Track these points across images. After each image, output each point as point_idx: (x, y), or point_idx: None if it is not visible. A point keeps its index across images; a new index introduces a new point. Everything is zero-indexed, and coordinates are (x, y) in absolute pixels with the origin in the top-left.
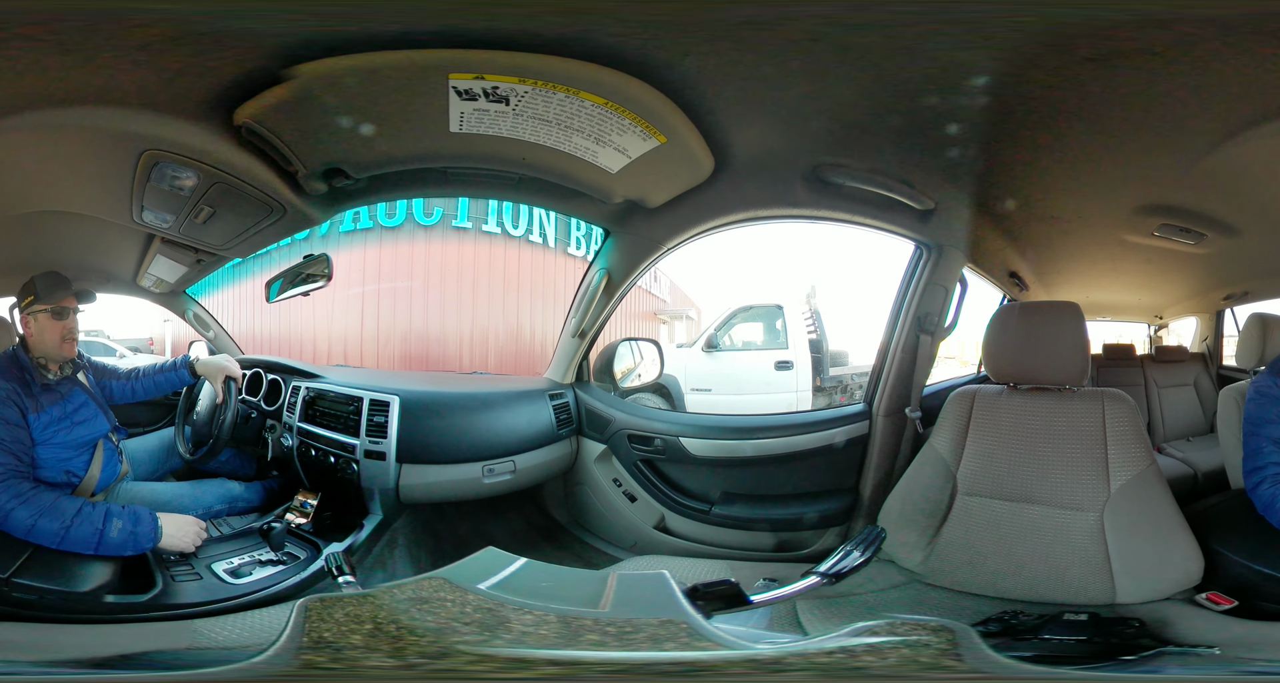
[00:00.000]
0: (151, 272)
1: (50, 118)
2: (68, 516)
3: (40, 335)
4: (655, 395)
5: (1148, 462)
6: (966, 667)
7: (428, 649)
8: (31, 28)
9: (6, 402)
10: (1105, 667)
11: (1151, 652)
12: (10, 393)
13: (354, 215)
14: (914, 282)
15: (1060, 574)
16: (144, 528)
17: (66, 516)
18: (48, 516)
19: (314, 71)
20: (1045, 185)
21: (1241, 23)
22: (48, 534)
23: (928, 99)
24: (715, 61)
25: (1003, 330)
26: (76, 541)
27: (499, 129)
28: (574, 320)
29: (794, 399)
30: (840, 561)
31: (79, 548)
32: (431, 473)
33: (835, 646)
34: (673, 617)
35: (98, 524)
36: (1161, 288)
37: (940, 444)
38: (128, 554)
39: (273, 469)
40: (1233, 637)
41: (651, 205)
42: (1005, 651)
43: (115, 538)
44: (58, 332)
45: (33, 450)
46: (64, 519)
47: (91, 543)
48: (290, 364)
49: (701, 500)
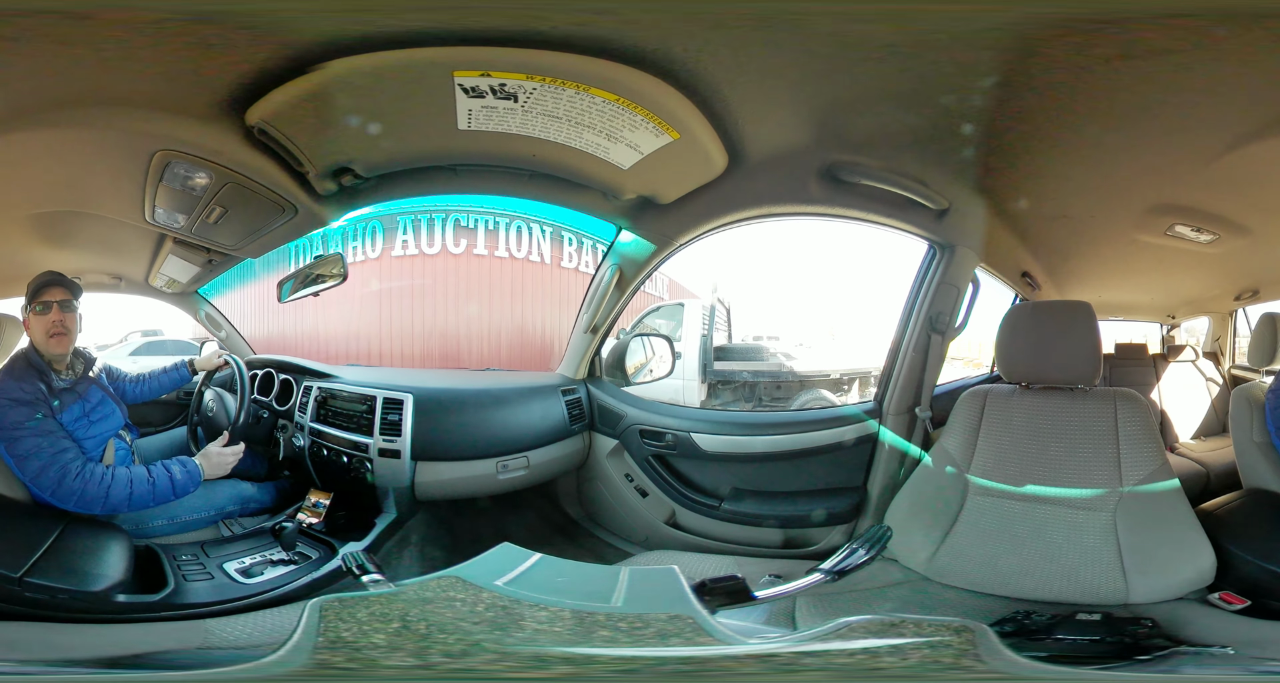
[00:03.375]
0: (164, 272)
1: (62, 117)
2: (141, 481)
3: (33, 333)
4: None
5: (1160, 461)
6: (986, 667)
7: (453, 648)
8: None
9: (36, 405)
10: (1122, 666)
11: (1165, 652)
12: (36, 394)
13: (402, 243)
14: (926, 281)
15: (1073, 574)
16: (191, 467)
17: (141, 482)
18: (138, 488)
19: (324, 72)
20: (1058, 184)
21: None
22: (142, 501)
23: (943, 98)
24: (729, 57)
25: (1015, 330)
26: (162, 496)
27: (508, 126)
28: (586, 316)
29: (680, 386)
30: (845, 559)
31: (162, 501)
32: (446, 470)
33: (858, 646)
34: (682, 612)
35: (167, 479)
36: (1173, 288)
37: (951, 444)
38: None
39: (284, 469)
40: (1245, 637)
41: (664, 201)
42: (1020, 651)
43: (181, 482)
44: (43, 326)
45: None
46: (146, 486)
47: (169, 495)
48: (302, 364)
49: (711, 496)
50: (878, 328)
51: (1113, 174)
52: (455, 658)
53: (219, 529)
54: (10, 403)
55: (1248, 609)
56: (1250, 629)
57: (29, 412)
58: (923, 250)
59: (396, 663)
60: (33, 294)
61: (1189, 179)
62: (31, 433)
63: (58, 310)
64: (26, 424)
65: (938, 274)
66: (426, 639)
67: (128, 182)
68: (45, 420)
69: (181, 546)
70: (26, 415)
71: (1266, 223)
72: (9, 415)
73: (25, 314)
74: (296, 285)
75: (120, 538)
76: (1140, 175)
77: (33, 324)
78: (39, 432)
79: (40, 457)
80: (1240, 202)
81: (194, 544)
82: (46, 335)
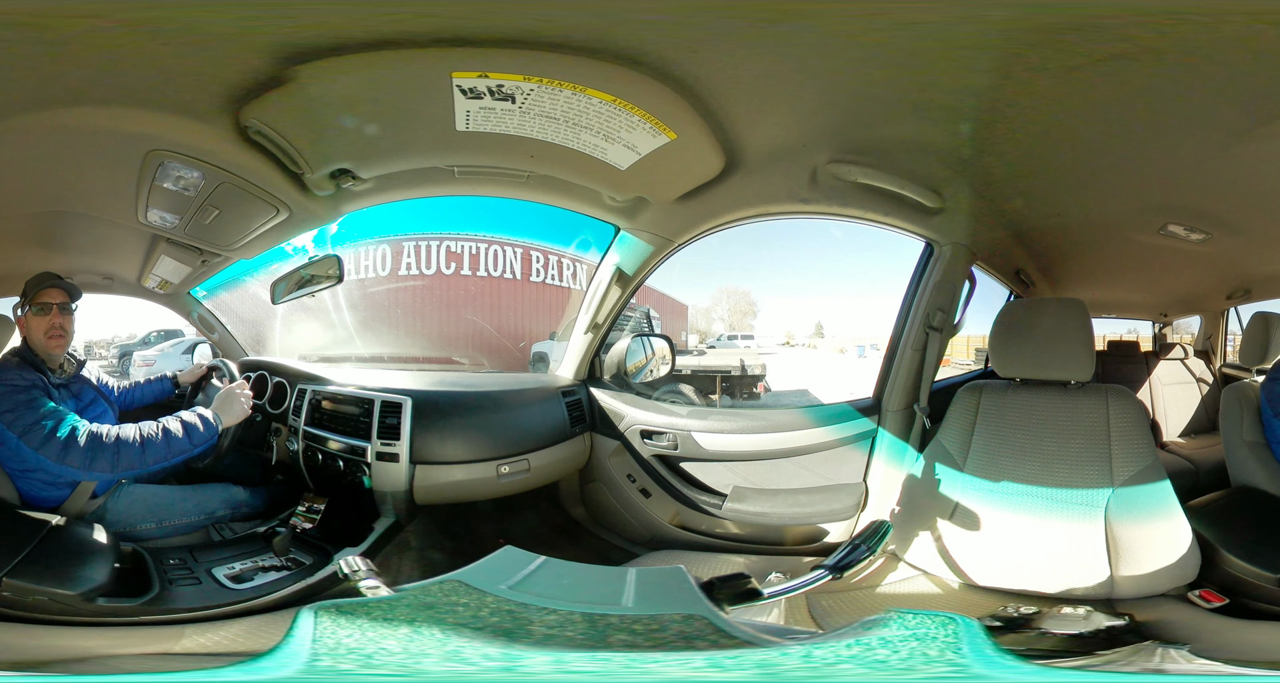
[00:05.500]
0: (156, 272)
1: (55, 118)
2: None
3: (30, 333)
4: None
5: (1151, 458)
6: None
7: (451, 654)
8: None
9: (36, 389)
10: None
11: (1128, 648)
12: (36, 382)
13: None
14: (923, 279)
15: (1062, 567)
16: (207, 416)
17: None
18: (164, 443)
19: (318, 72)
20: (1053, 183)
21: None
22: (180, 452)
23: (939, 97)
24: (725, 58)
25: (1010, 327)
26: (178, 447)
27: (506, 127)
28: (585, 317)
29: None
30: (847, 555)
31: (180, 453)
32: (446, 474)
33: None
34: (694, 612)
35: (180, 427)
36: (1166, 286)
37: (947, 439)
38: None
39: (278, 473)
40: (1215, 635)
41: (661, 201)
42: (1006, 645)
43: (195, 429)
44: (42, 327)
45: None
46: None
47: (185, 444)
48: (296, 367)
49: (714, 495)
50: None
51: (1106, 173)
52: (459, 663)
53: (209, 534)
54: (12, 388)
55: (1224, 608)
56: (1222, 628)
57: (34, 394)
58: (919, 248)
59: (396, 669)
60: (31, 295)
61: (1182, 178)
62: (29, 405)
63: (57, 313)
64: (27, 401)
65: (934, 272)
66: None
67: (121, 182)
68: (46, 400)
69: (170, 550)
70: (30, 395)
71: (1259, 223)
72: (11, 398)
73: (21, 313)
74: (290, 287)
75: (106, 541)
76: (1134, 174)
77: (30, 324)
78: (39, 405)
79: (46, 426)
80: (1232, 201)
81: (183, 548)
82: (45, 336)
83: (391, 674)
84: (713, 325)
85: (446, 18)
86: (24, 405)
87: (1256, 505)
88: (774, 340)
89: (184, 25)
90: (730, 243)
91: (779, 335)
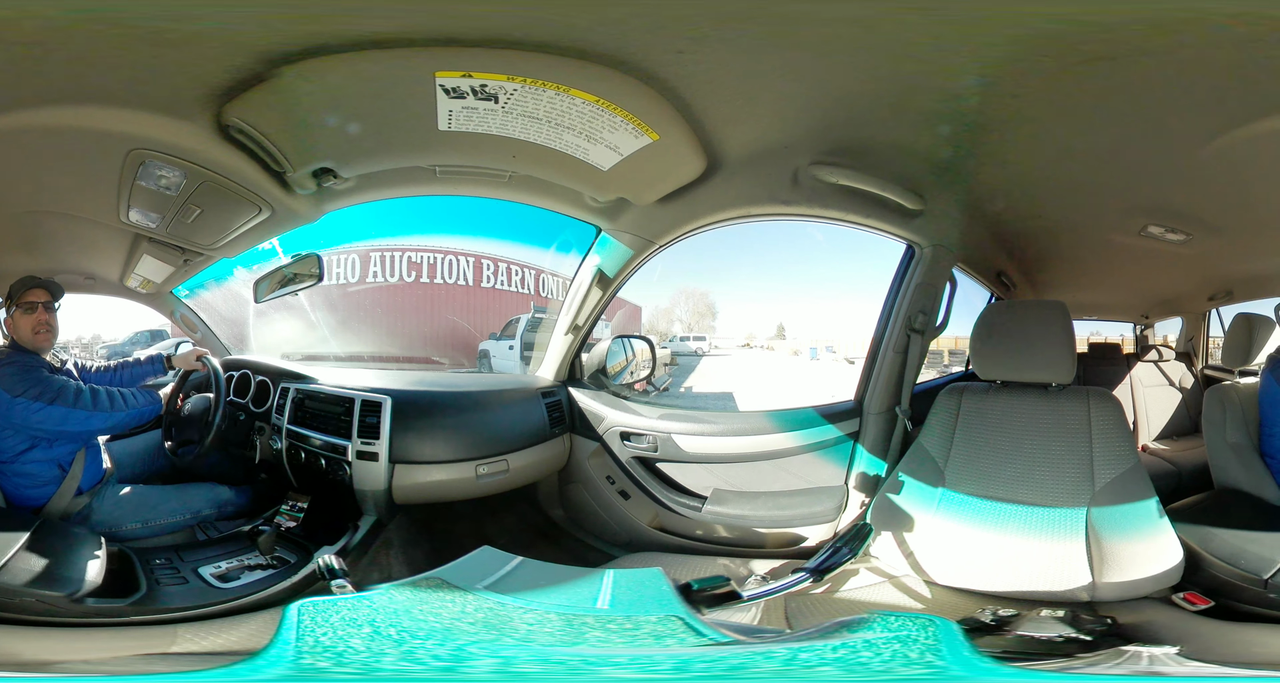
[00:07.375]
0: (138, 272)
1: (35, 117)
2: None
3: (17, 331)
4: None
5: (1133, 460)
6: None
7: (432, 651)
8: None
9: (39, 367)
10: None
11: (1112, 650)
12: (41, 363)
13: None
14: (904, 281)
15: (1044, 570)
16: (157, 365)
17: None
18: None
19: (300, 71)
20: (1034, 185)
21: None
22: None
23: (920, 100)
24: (709, 59)
25: (991, 329)
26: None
27: (488, 127)
28: (566, 318)
29: (512, 365)
30: (829, 558)
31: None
32: (424, 473)
33: (837, 643)
34: (669, 613)
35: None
36: (1147, 288)
37: (929, 442)
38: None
39: (261, 472)
40: (1201, 638)
41: (643, 203)
42: (985, 648)
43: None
44: (29, 324)
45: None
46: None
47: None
48: (279, 365)
49: (694, 497)
50: None
51: (1087, 175)
52: (438, 661)
53: (194, 533)
54: (25, 367)
55: (1210, 610)
56: (1209, 631)
57: (42, 372)
58: (900, 251)
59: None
60: (17, 295)
61: (1161, 179)
62: (47, 380)
63: (43, 311)
64: (44, 376)
65: (916, 274)
66: (401, 643)
67: (102, 181)
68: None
69: (155, 549)
70: (40, 373)
71: (1238, 221)
72: (30, 375)
73: (8, 314)
74: (273, 285)
75: (92, 540)
76: (1113, 176)
77: (18, 323)
78: (54, 379)
79: (70, 387)
80: (1212, 201)
81: (169, 548)
82: (33, 332)
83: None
84: (672, 326)
85: (431, 16)
86: (44, 381)
87: (1240, 507)
88: (733, 342)
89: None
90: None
91: (739, 337)
